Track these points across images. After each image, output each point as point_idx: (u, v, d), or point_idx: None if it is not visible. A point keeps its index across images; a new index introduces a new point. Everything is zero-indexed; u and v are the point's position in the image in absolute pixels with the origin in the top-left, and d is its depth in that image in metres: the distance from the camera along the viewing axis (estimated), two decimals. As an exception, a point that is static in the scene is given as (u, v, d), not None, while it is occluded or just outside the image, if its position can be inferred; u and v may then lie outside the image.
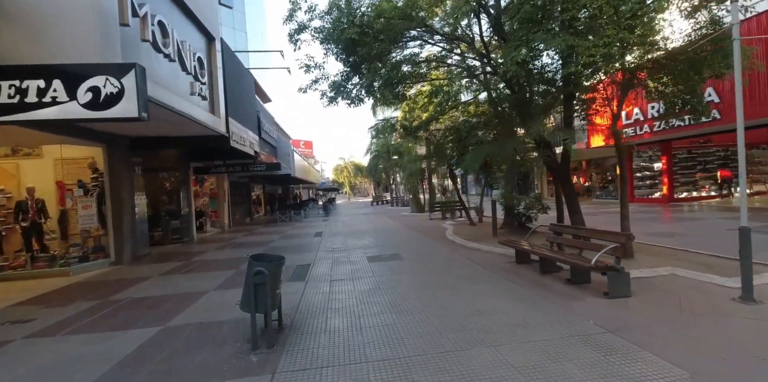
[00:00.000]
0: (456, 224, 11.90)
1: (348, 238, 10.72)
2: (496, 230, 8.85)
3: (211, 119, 8.12)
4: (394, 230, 12.21)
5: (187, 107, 6.95)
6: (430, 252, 7.65)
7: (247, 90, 11.38)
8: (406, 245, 8.86)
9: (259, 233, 13.39)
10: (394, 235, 10.80)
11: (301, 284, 5.58)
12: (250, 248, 9.87)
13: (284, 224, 16.59)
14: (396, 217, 17.21)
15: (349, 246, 9.16)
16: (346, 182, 50.44)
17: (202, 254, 9.15)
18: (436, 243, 8.76)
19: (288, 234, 12.67)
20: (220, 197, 15.24)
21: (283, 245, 9.98)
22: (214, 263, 7.80)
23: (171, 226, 11.46)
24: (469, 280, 5.29)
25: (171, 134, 8.65)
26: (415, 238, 9.94)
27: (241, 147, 9.99)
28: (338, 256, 7.91)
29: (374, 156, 29.20)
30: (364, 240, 10.05)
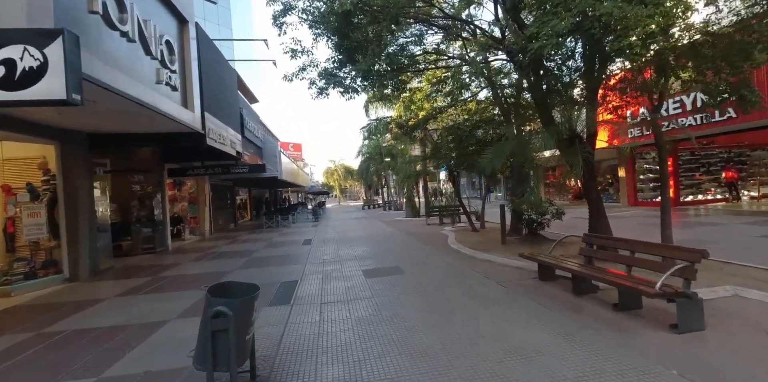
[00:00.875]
0: (457, 231, 11.02)
1: (340, 246, 9.73)
2: (504, 238, 7.98)
3: (183, 114, 7.08)
4: (389, 236, 11.26)
5: (152, 98, 5.92)
6: (434, 264, 6.73)
7: (228, 84, 10.36)
8: (406, 254, 7.93)
9: (242, 241, 12.29)
10: (391, 243, 9.86)
11: (285, 310, 4.58)
12: (231, 258, 8.80)
13: (270, 230, 15.49)
14: (390, 222, 16.27)
15: (342, 256, 8.19)
16: (336, 186, 49.36)
17: (175, 266, 8.06)
18: (438, 253, 7.85)
19: (274, 242, 11.61)
20: (200, 201, 14.09)
21: (268, 255, 8.94)
22: (186, 280, 6.73)
23: (142, 234, 10.30)
24: (488, 302, 4.37)
25: (137, 131, 7.59)
26: (414, 246, 9.01)
27: (221, 146, 8.94)
28: (330, 269, 6.93)
29: (366, 158, 28.29)
30: (358, 249, 9.09)
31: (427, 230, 12.11)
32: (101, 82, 4.65)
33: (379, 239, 10.68)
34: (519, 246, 7.66)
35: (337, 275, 6.46)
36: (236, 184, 19.36)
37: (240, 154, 10.79)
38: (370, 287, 5.41)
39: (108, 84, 4.78)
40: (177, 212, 13.93)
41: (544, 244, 7.72)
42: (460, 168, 10.63)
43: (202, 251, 10.39)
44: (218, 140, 8.76)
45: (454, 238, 9.53)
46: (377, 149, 24.78)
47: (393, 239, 10.51)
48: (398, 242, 10.01)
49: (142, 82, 5.73)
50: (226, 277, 6.73)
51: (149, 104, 5.81)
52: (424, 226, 13.61)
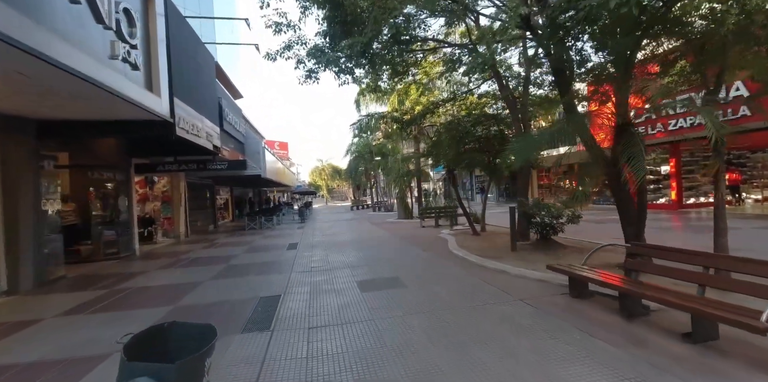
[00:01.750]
0: (456, 234, 10.19)
1: (330, 251, 8.77)
2: (515, 244, 7.18)
3: (147, 98, 6.03)
4: (383, 240, 10.35)
5: (106, 75, 4.89)
6: (439, 275, 5.85)
7: (204, 69, 9.29)
8: (404, 262, 7.04)
9: (220, 245, 11.19)
10: (386, 248, 8.95)
11: (263, 339, 3.62)
12: (205, 265, 7.74)
13: (253, 233, 14.38)
14: (382, 224, 15.36)
15: (332, 264, 7.24)
16: (324, 185, 48.15)
17: (138, 276, 6.96)
18: (441, 260, 6.98)
19: (256, 246, 10.55)
20: (175, 201, 12.89)
21: (248, 262, 7.91)
22: (147, 294, 5.68)
23: (104, 238, 9.12)
24: (519, 329, 3.52)
25: (95, 117, 6.48)
26: (412, 252, 8.12)
27: (194, 138, 7.88)
28: (318, 280, 5.98)
29: (355, 157, 27.33)
30: (350, 255, 8.15)
31: (423, 233, 11.25)
32: (29, 47, 3.61)
33: (372, 244, 9.76)
34: (531, 253, 6.86)
35: (327, 287, 5.52)
36: (216, 182, 18.15)
37: (218, 148, 9.71)
38: (368, 305, 4.49)
39: (38, 50, 3.75)
40: (149, 212, 12.73)
41: (558, 250, 6.95)
42: (459, 166, 9.82)
43: (175, 256, 9.27)
44: (191, 131, 7.70)
45: (454, 242, 8.68)
46: (367, 148, 23.85)
47: (387, 244, 9.60)
48: (393, 246, 9.11)
49: (91, 55, 4.69)
50: (196, 289, 5.70)
51: (101, 82, 4.77)
52: (418, 228, 12.75)
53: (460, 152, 9.35)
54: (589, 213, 14.64)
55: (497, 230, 10.75)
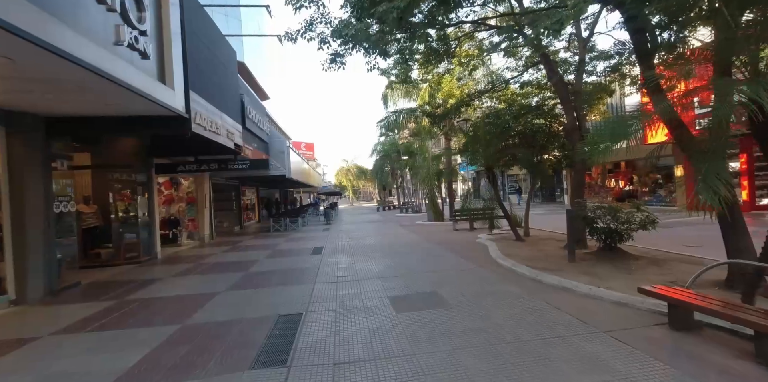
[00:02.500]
0: (496, 239, 9.17)
1: (356, 258, 8.01)
2: (573, 253, 6.13)
3: (159, 90, 5.48)
4: (414, 245, 9.49)
5: (107, 61, 4.34)
6: (488, 292, 4.93)
7: (224, 63, 8.77)
8: (442, 273, 6.15)
9: (243, 248, 10.70)
10: (418, 255, 8.08)
11: (280, 377, 2.87)
12: (224, 272, 7.18)
13: (277, 235, 13.90)
14: (410, 226, 14.49)
15: (360, 274, 6.46)
16: (349, 186, 47.80)
17: (152, 284, 6.48)
18: (486, 272, 6.04)
19: (279, 250, 9.97)
20: (199, 202, 12.58)
21: (269, 270, 7.28)
22: (156, 307, 5.10)
23: (125, 241, 8.78)
24: (614, 379, 2.57)
25: (105, 113, 6.03)
26: (449, 261, 7.22)
27: (212, 136, 7.34)
28: (345, 294, 5.21)
29: (381, 157, 26.62)
30: (379, 262, 7.35)
31: (458, 238, 10.30)
32: (18, 29, 3.07)
33: (403, 249, 8.92)
34: (596, 265, 5.80)
35: (355, 303, 4.73)
36: (242, 183, 17.90)
37: (240, 147, 9.19)
38: (406, 332, 3.66)
39: (30, 32, 3.20)
40: (174, 214, 12.49)
41: (628, 262, 5.85)
42: (499, 163, 8.80)
43: (196, 260, 8.81)
44: (209, 128, 7.16)
45: (497, 249, 7.70)
46: (394, 147, 23.05)
47: (420, 250, 8.73)
48: (427, 253, 8.23)
49: (91, 38, 4.12)
50: (210, 303, 5.08)
51: (102, 69, 4.21)
52: (451, 232, 11.80)
53: (501, 148, 8.35)
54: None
55: (541, 235, 9.64)
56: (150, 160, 9.25)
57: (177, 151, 9.28)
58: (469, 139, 8.81)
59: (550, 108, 8.65)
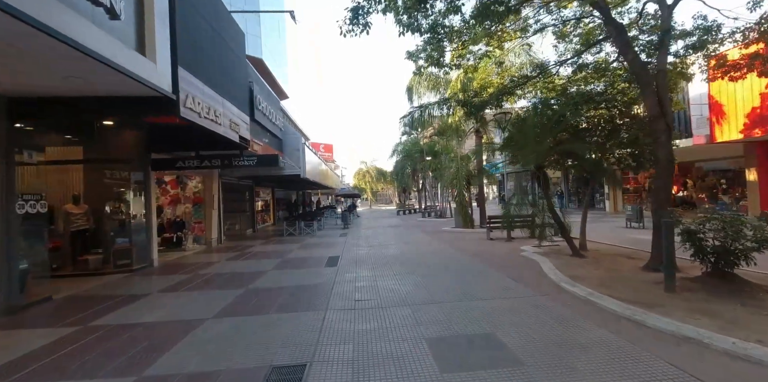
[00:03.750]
0: (546, 253, 7.62)
1: (378, 273, 6.66)
2: (673, 280, 4.56)
3: (133, 60, 4.32)
4: (447, 258, 8.05)
5: (55, 14, 3.19)
6: (571, 341, 3.45)
7: (229, 44, 7.63)
8: (492, 302, 4.71)
9: (251, 256, 9.53)
10: (455, 271, 6.65)
11: None
12: (220, 288, 5.97)
13: (291, 240, 12.72)
14: (436, 233, 13.04)
15: (383, 297, 5.10)
16: (368, 188, 46.59)
17: (134, 302, 5.33)
18: (553, 304, 4.56)
19: (290, 259, 8.73)
20: (207, 203, 11.56)
21: (273, 286, 6.01)
22: (121, 339, 3.89)
23: (116, 246, 7.74)
24: None
25: (72, 93, 4.92)
26: (497, 282, 5.76)
27: (210, 125, 6.17)
28: (365, 330, 3.86)
29: (402, 157, 25.25)
30: (406, 280, 5.97)
31: (496, 250, 8.79)
32: None
33: (433, 263, 7.50)
34: (708, 298, 4.23)
35: (380, 348, 3.38)
36: (257, 183, 16.90)
37: (246, 141, 8.03)
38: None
39: None
40: (180, 215, 11.51)
41: (753, 294, 4.25)
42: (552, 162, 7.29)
43: (194, 270, 7.67)
44: (206, 115, 5.98)
45: (553, 267, 6.17)
46: (416, 147, 21.65)
47: (454, 264, 7.29)
48: (465, 269, 6.79)
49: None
50: (186, 339, 3.84)
51: (43, 23, 3.06)
52: (486, 241, 10.29)
53: (555, 143, 6.83)
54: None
55: (601, 249, 8.02)
56: (147, 155, 8.20)
57: (178, 145, 8.21)
58: (514, 133, 7.34)
59: (617, 93, 7.06)
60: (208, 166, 8.20)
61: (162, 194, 11.51)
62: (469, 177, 13.50)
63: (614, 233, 10.54)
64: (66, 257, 7.79)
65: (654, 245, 5.83)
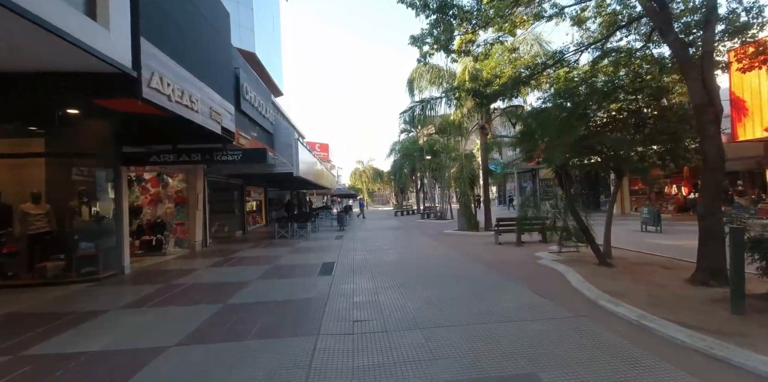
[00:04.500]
0: (567, 261, 6.79)
1: (379, 284, 5.79)
2: (743, 299, 3.73)
3: (80, 25, 3.43)
4: (456, 266, 7.20)
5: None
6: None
7: (211, 22, 6.72)
8: (522, 325, 3.86)
9: (237, 261, 8.61)
10: (468, 283, 5.79)
11: None
12: (194, 304, 5.07)
13: (282, 243, 11.81)
14: (439, 236, 12.19)
15: (387, 316, 4.23)
16: (364, 189, 45.71)
17: (93, 319, 4.45)
18: (596, 329, 3.73)
19: (279, 266, 7.83)
20: (190, 202, 10.61)
21: (256, 301, 5.11)
22: (70, 365, 2.99)
23: (79, 251, 6.81)
24: None
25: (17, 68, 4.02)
26: (520, 298, 4.91)
27: (183, 111, 5.28)
28: (366, 366, 3.00)
29: (401, 156, 24.42)
30: (413, 294, 5.10)
31: (509, 256, 7.96)
32: None
33: (441, 272, 6.65)
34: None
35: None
36: (247, 182, 15.96)
37: (231, 133, 7.13)
38: None
39: None
40: (161, 216, 10.56)
41: None
42: (576, 159, 6.47)
43: (169, 279, 6.74)
44: (177, 99, 5.08)
45: (583, 280, 5.34)
46: (415, 145, 20.81)
47: (465, 274, 6.43)
48: (479, 281, 5.93)
49: None
50: (144, 369, 2.94)
51: None
52: (495, 246, 9.46)
53: (580, 138, 6.00)
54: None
55: (626, 255, 7.20)
56: (118, 148, 7.27)
57: (153, 137, 7.29)
58: (534, 126, 6.51)
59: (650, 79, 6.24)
60: (187, 161, 7.28)
61: (142, 193, 10.57)
62: (473, 177, 12.68)
63: (632, 238, 9.75)
64: (22, 264, 6.85)
65: (701, 254, 5.02)
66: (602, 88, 6.18)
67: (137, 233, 10.33)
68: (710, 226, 4.93)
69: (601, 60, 6.97)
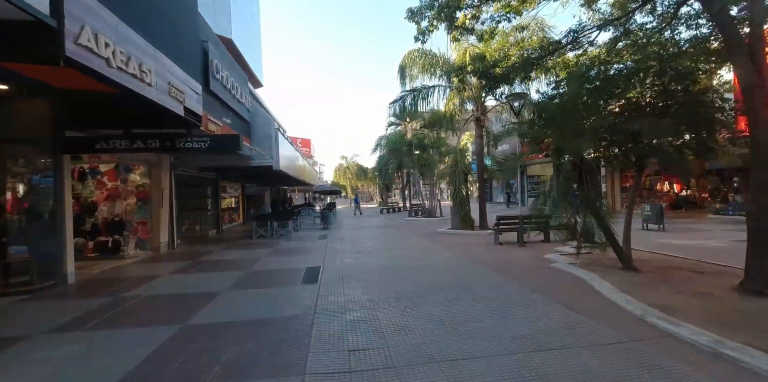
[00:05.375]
0: (585, 265, 6.04)
1: (375, 297, 4.85)
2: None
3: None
4: (461, 272, 6.35)
5: None
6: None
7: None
8: (565, 353, 3.02)
9: (206, 266, 7.50)
10: (483, 296, 4.93)
11: None
12: (146, 322, 4.00)
13: (260, 244, 10.71)
14: (432, 235, 11.34)
15: (393, 347, 3.29)
16: (348, 185, 44.53)
17: (5, 348, 3.32)
18: (661, 356, 2.94)
19: (255, 273, 6.78)
20: (154, 199, 9.37)
21: (222, 322, 4.07)
22: None
23: (9, 256, 5.57)
24: None
25: None
26: (548, 313, 4.08)
27: (131, 82, 4.17)
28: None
29: (387, 151, 23.47)
30: (419, 312, 4.18)
31: (518, 260, 7.17)
32: None
33: (446, 280, 5.77)
34: None
35: None
36: (223, 177, 14.68)
37: (197, 116, 6.01)
38: None
39: None
40: (119, 214, 9.27)
41: None
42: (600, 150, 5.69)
43: (119, 290, 5.60)
44: (120, 65, 3.97)
45: (615, 289, 4.57)
46: (403, 139, 19.91)
47: (475, 283, 5.58)
48: (493, 292, 5.08)
49: None
50: None
51: None
52: (493, 247, 8.70)
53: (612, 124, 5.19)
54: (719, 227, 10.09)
55: (644, 257, 6.53)
56: (59, 133, 6.03)
57: (106, 121, 6.08)
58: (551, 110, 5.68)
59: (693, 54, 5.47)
60: (142, 149, 6.10)
61: (97, 188, 9.26)
62: (467, 172, 11.90)
63: (637, 237, 9.03)
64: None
65: (752, 258, 4.32)
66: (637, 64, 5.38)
67: (91, 234, 9.05)
68: (764, 226, 4.23)
69: (623, 38, 6.19)
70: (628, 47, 6.05)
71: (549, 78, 7.67)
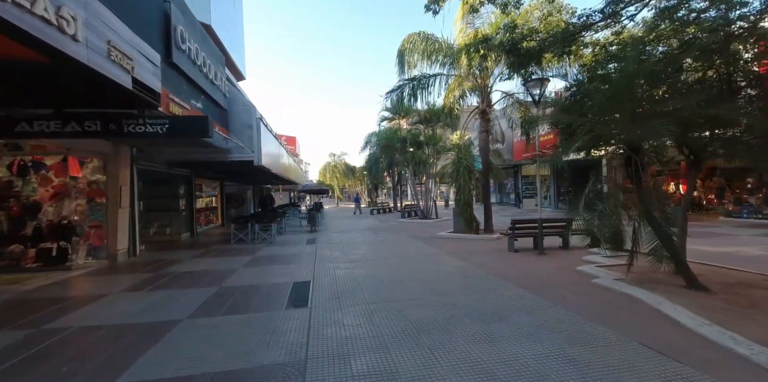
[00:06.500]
0: (637, 281, 4.99)
1: (386, 331, 3.65)
2: None
3: None
4: (485, 291, 5.21)
5: None
6: None
7: None
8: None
9: (168, 282, 6.14)
10: (530, 331, 3.80)
11: None
12: (68, 376, 2.71)
13: (239, 250, 9.36)
14: (434, 240, 10.18)
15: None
16: (335, 185, 43.08)
17: None
18: None
19: (228, 290, 5.48)
20: (111, 198, 7.93)
21: (179, 376, 2.81)
22: None
23: None
24: None
25: None
26: (632, 359, 2.99)
27: (38, 31, 2.85)
28: None
29: (378, 148, 22.26)
30: (453, 358, 3.01)
31: (544, 272, 6.09)
32: None
33: (472, 305, 4.62)
34: None
35: None
36: (197, 174, 13.20)
37: (154, 93, 4.67)
38: None
39: None
40: (68, 216, 7.79)
41: None
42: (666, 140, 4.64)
43: (46, 319, 4.25)
44: (23, 2, 2.66)
45: (702, 320, 3.52)
46: (396, 135, 18.74)
47: (506, 306, 4.45)
48: (540, 322, 3.97)
49: None
50: None
51: None
52: (508, 254, 7.63)
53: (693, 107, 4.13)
54: (733, 232, 9.34)
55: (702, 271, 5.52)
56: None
57: (26, 96, 4.68)
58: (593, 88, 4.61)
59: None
60: (77, 133, 4.73)
61: (41, 185, 7.78)
62: (472, 170, 10.82)
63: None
64: None
65: None
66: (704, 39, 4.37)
67: (33, 239, 7.57)
68: None
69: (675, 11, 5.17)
70: (676, 25, 5.01)
71: (579, 60, 6.62)
